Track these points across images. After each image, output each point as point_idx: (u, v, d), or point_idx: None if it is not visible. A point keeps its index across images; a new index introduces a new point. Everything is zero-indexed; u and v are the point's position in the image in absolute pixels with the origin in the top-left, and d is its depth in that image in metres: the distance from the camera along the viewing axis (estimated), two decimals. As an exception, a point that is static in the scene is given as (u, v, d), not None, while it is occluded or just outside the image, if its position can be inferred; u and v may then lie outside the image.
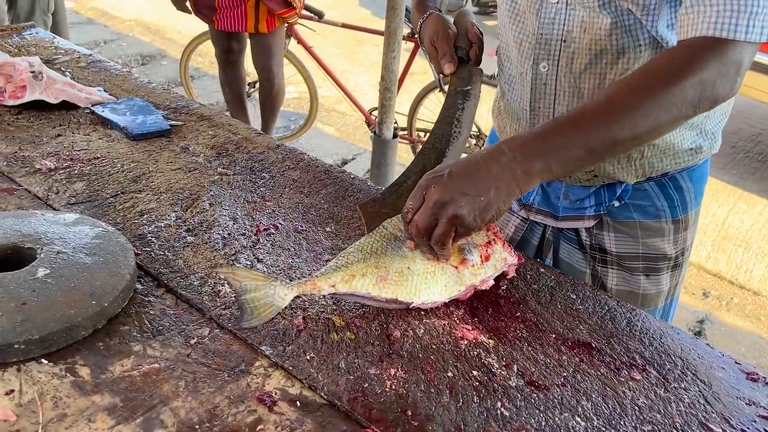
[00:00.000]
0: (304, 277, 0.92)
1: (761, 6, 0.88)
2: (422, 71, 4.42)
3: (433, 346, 0.87)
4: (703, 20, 0.89)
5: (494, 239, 0.99)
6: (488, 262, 0.97)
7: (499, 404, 0.79)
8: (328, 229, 1.11)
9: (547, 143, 0.89)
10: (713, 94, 0.90)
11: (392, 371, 0.82)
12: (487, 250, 0.97)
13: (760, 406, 0.84)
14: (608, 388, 0.83)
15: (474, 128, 3.62)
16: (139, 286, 0.92)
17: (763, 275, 3.33)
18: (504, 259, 0.98)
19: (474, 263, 0.95)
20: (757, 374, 0.89)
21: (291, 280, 0.90)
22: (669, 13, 1.00)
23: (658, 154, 1.12)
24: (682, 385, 0.85)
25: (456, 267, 0.94)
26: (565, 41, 1.07)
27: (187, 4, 3.19)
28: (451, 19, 1.19)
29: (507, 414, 0.78)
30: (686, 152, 1.14)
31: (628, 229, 1.19)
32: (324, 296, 0.93)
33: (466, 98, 1.14)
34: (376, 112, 3.35)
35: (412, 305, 0.91)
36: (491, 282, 0.97)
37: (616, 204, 1.17)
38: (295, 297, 0.88)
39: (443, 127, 1.12)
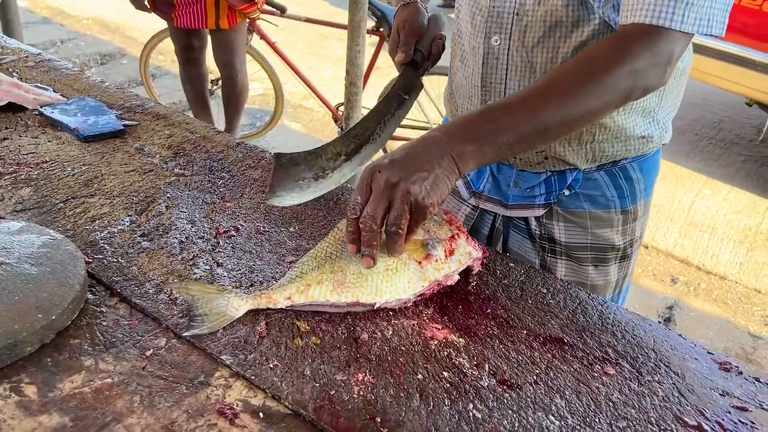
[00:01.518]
0: (260, 289, 0.89)
1: None
2: (388, 65, 4.38)
3: (402, 348, 0.84)
4: (642, 7, 0.91)
5: (458, 233, 0.97)
6: (452, 257, 0.94)
7: (471, 406, 0.76)
8: (291, 229, 1.07)
9: (479, 127, 0.90)
10: (644, 83, 0.92)
11: (360, 376, 0.79)
12: (451, 245, 0.95)
13: (734, 396, 0.83)
14: (582, 384, 0.81)
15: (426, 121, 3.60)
16: (90, 296, 0.87)
17: (728, 260, 3.38)
18: (468, 253, 0.96)
19: (438, 258, 0.93)
20: (730, 364, 0.88)
21: (247, 292, 0.87)
22: None
23: (610, 138, 1.12)
24: (656, 378, 0.84)
25: (420, 262, 0.92)
26: (517, 14, 1.05)
27: (145, 1, 3.10)
28: (427, 17, 1.19)
29: (479, 416, 0.75)
30: (637, 140, 1.14)
31: (578, 219, 1.19)
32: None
33: (400, 106, 1.18)
34: (342, 108, 3.31)
35: (377, 306, 0.88)
36: (456, 277, 0.95)
37: (567, 193, 1.17)
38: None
39: (371, 124, 1.16)
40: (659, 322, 0.99)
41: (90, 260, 0.93)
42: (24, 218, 1.02)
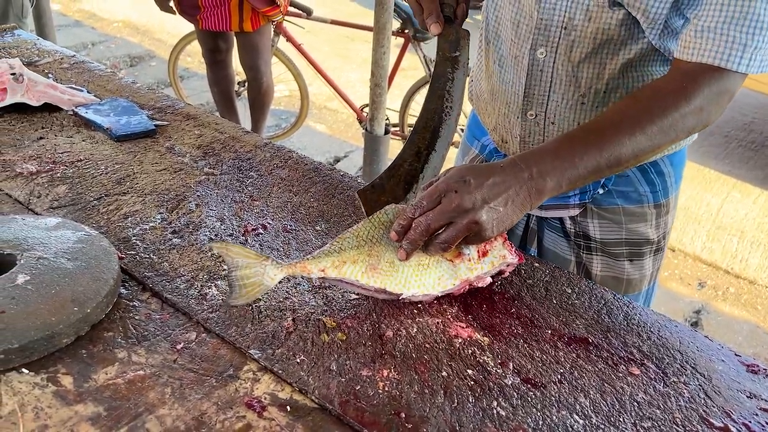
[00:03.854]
0: (295, 259, 0.90)
1: (764, 41, 0.91)
2: (413, 67, 4.39)
3: (427, 346, 0.85)
4: (710, 48, 0.92)
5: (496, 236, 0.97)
6: (485, 258, 0.94)
7: (495, 403, 0.77)
8: (317, 227, 1.09)
9: (561, 162, 0.91)
10: (707, 120, 0.96)
11: (385, 372, 0.80)
12: (485, 246, 0.94)
13: (762, 399, 0.82)
14: (606, 384, 0.81)
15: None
16: (123, 290, 0.90)
17: (758, 264, 3.32)
18: (503, 256, 0.95)
19: (471, 258, 0.93)
20: (758, 366, 0.87)
21: (282, 260, 0.89)
22: (669, 24, 1.00)
23: None
24: (682, 380, 0.84)
25: (452, 260, 0.92)
26: (565, 29, 1.04)
27: (171, 4, 3.15)
28: None
29: (503, 413, 0.76)
30: None
31: (612, 216, 1.19)
32: (312, 294, 0.91)
33: (455, 66, 1.12)
34: (367, 109, 3.32)
35: (402, 297, 0.89)
36: (488, 279, 0.95)
37: (601, 191, 1.17)
38: (286, 294, 0.86)
39: (435, 101, 1.11)
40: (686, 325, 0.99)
41: (123, 256, 0.96)
42: (60, 215, 1.05)
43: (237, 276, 0.87)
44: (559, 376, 0.82)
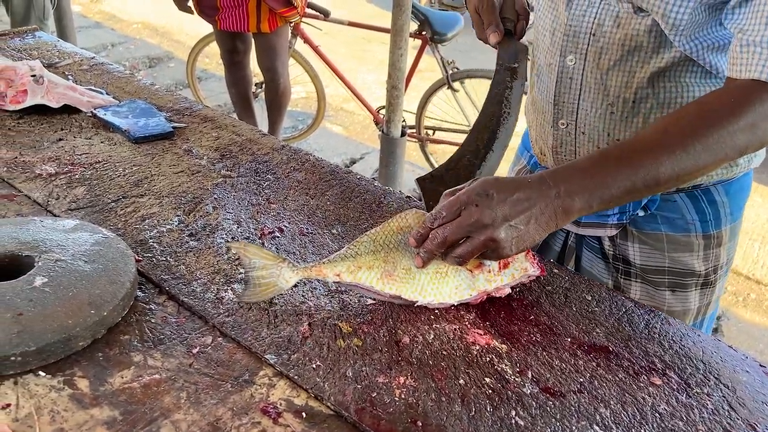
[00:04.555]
0: (312, 262, 0.91)
1: None
2: (430, 68, 4.38)
3: (444, 353, 0.84)
4: (759, 63, 0.87)
5: None
6: (506, 270, 0.92)
7: (513, 413, 0.76)
8: (334, 231, 1.08)
9: (591, 180, 0.87)
10: (762, 138, 0.89)
11: (401, 379, 0.79)
12: (507, 258, 0.92)
13: (788, 412, 0.80)
14: (627, 395, 0.80)
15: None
16: (140, 293, 0.90)
17: (780, 270, 3.27)
18: (524, 269, 0.93)
19: (491, 269, 0.91)
20: (784, 377, 0.85)
21: (298, 263, 0.89)
22: (706, 34, 0.96)
23: None
24: (705, 390, 0.82)
25: (471, 270, 0.91)
26: (594, 35, 1.03)
27: (190, 3, 3.17)
28: None
29: (522, 423, 0.75)
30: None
31: (654, 242, 1.14)
32: (328, 299, 0.90)
33: (513, 76, 1.12)
34: (384, 111, 3.32)
35: (417, 304, 0.89)
36: (507, 290, 0.93)
37: (641, 213, 1.12)
38: (302, 298, 0.85)
39: (493, 106, 1.11)
40: (709, 335, 0.97)
41: (140, 258, 0.96)
42: (78, 216, 1.05)
43: (253, 276, 0.88)
44: (578, 386, 0.81)
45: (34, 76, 1.38)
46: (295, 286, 0.93)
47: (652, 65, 1.01)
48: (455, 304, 0.90)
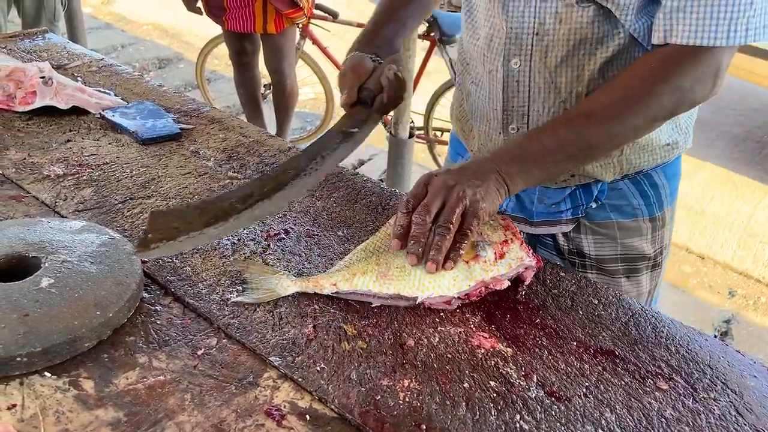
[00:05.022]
0: (309, 275, 0.93)
1: (741, 9, 0.87)
2: (438, 70, 4.37)
3: (449, 356, 0.84)
4: (683, 28, 0.90)
5: (512, 238, 0.96)
6: (502, 260, 0.93)
7: (518, 417, 0.75)
8: (340, 233, 1.08)
9: (524, 150, 0.95)
10: (691, 98, 0.95)
11: (406, 382, 0.79)
12: (502, 248, 0.94)
13: (796, 418, 0.79)
14: (633, 399, 0.79)
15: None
16: (145, 294, 0.90)
17: (791, 273, 3.24)
18: (520, 258, 0.94)
19: (486, 259, 0.92)
20: (792, 383, 0.84)
21: (296, 275, 0.93)
22: (650, 11, 0.97)
23: (637, 150, 1.11)
24: (712, 396, 0.81)
25: (467, 262, 0.91)
26: (537, 34, 1.03)
27: (199, 4, 3.19)
28: (374, 62, 1.12)
29: (526, 427, 0.74)
30: (663, 148, 1.13)
31: (606, 231, 1.17)
32: (332, 301, 0.90)
33: (345, 139, 1.07)
34: (392, 112, 3.32)
35: (419, 300, 0.89)
36: (506, 283, 0.93)
37: (594, 206, 1.15)
38: (307, 301, 0.86)
39: (302, 159, 1.03)
40: (715, 337, 0.96)
41: (146, 260, 0.96)
42: (85, 218, 1.05)
43: (253, 286, 0.92)
44: (584, 390, 0.80)
45: (43, 77, 1.39)
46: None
47: (599, 56, 1.02)
48: (455, 296, 0.90)
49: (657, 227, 1.19)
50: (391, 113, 3.34)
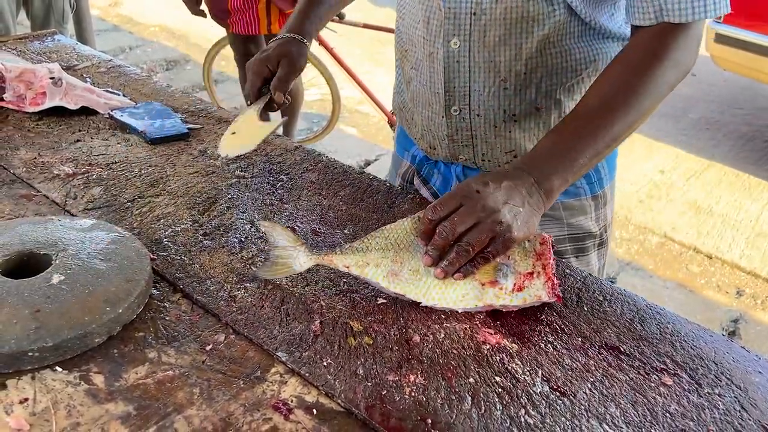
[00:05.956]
0: (325, 251, 0.94)
1: None
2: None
3: (454, 351, 0.84)
4: (677, 7, 0.95)
5: (540, 272, 0.92)
6: (519, 293, 0.91)
7: (523, 411, 0.76)
8: (346, 231, 1.09)
9: (560, 160, 0.94)
10: (685, 69, 1.00)
11: (411, 377, 0.79)
12: (524, 281, 0.91)
13: (801, 413, 0.79)
14: (638, 394, 0.80)
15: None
16: (154, 291, 0.91)
17: (799, 273, 3.22)
18: (538, 296, 0.91)
19: (504, 287, 0.90)
20: (797, 379, 0.85)
21: (314, 252, 0.93)
22: None
23: None
24: (717, 391, 0.81)
25: (483, 284, 0.90)
26: (475, 14, 1.04)
27: (202, 7, 3.20)
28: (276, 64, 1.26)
29: (532, 422, 0.75)
30: None
31: (552, 212, 1.19)
32: (339, 297, 0.91)
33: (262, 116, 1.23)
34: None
35: (422, 304, 0.90)
36: (514, 310, 0.92)
37: None
38: (314, 297, 0.87)
39: None
40: (722, 335, 0.96)
41: (155, 257, 0.97)
42: (94, 216, 1.07)
43: (273, 254, 0.93)
44: (589, 385, 0.81)
45: (52, 78, 1.41)
46: (306, 285, 0.94)
47: (536, 34, 1.03)
48: (459, 311, 0.90)
49: (599, 205, 1.22)
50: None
